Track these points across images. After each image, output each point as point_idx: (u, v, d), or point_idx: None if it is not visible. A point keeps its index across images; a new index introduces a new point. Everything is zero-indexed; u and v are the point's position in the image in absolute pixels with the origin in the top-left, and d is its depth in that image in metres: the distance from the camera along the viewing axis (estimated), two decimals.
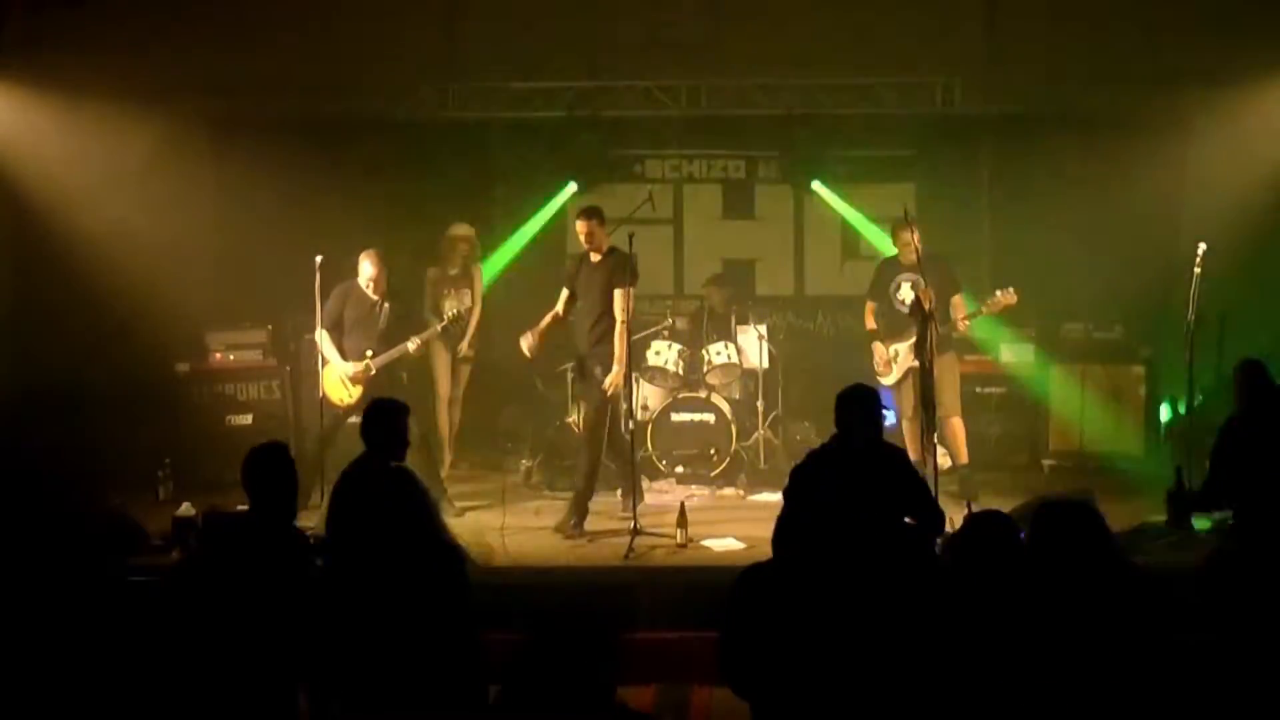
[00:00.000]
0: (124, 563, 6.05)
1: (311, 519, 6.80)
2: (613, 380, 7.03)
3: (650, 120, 9.69)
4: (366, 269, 7.55)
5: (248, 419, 8.46)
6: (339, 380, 7.57)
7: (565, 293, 7.38)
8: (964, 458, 7.73)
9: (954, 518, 5.36)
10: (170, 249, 8.69)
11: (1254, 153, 8.53)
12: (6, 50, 8.26)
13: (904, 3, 9.33)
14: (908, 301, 7.67)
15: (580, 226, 7.25)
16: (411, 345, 7.58)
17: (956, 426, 7.73)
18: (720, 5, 9.46)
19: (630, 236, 7.17)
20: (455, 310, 8.08)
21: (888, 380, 7.92)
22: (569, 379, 8.58)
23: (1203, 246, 6.94)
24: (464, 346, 8.85)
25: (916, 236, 7.35)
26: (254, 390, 8.55)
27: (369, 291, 7.57)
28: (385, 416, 5.03)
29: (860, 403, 5.18)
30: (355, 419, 7.99)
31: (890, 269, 8.02)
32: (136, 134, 8.55)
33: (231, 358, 8.61)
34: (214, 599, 4.14)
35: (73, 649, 4.24)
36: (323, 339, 7.54)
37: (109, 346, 8.54)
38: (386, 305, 7.62)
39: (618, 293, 7.07)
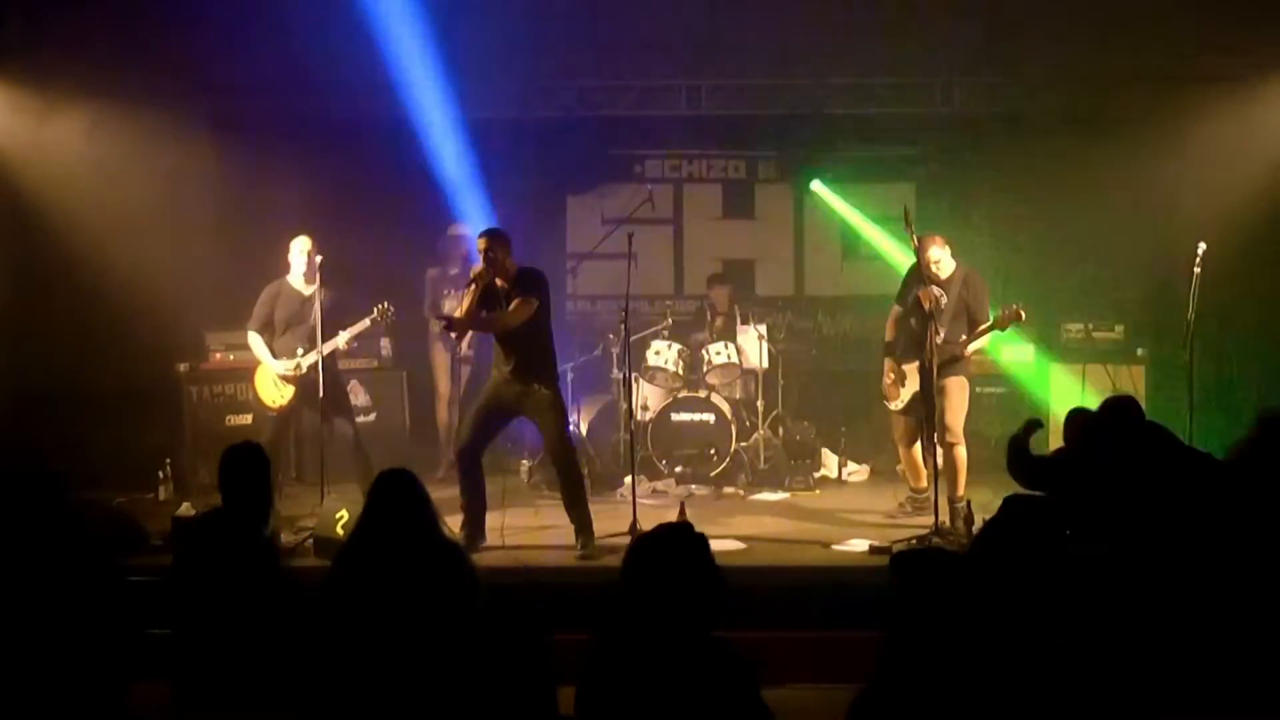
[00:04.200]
0: (124, 563, 6.05)
1: (310, 521, 6.82)
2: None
3: (650, 120, 9.69)
4: (298, 257, 7.28)
5: (248, 419, 8.44)
6: (271, 381, 7.38)
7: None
8: (960, 490, 7.10)
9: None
10: (170, 249, 8.69)
11: (1254, 153, 8.54)
12: (6, 50, 8.27)
13: (904, 3, 9.33)
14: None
15: (480, 244, 6.64)
16: (342, 340, 7.27)
17: (959, 457, 7.11)
18: (720, 5, 9.46)
19: (630, 236, 7.16)
20: (384, 304, 7.42)
21: (895, 405, 7.39)
22: (569, 379, 8.60)
23: (1203, 246, 6.93)
24: (464, 346, 8.86)
25: (932, 254, 7.07)
26: (254, 391, 8.52)
27: (300, 285, 7.32)
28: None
29: None
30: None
31: (919, 277, 7.21)
32: (136, 134, 8.55)
33: (231, 358, 8.58)
34: (186, 598, 4.17)
35: (72, 648, 4.24)
36: (253, 340, 7.36)
37: (109, 346, 8.55)
38: (318, 301, 7.24)
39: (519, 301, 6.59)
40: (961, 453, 7.17)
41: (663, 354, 8.63)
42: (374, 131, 9.39)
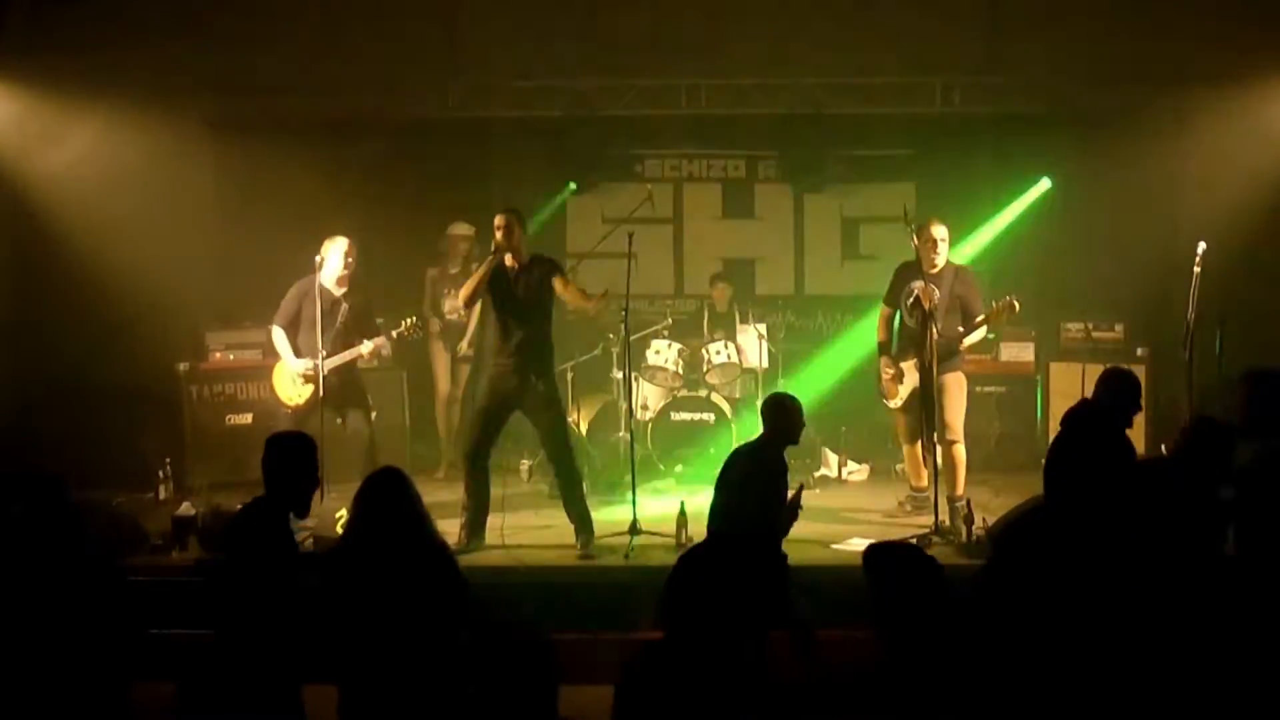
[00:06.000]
0: (124, 563, 6.05)
1: (311, 521, 6.82)
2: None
3: (650, 120, 9.69)
4: (336, 262, 7.21)
5: (248, 419, 8.45)
6: (290, 379, 7.33)
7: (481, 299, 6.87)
8: (960, 489, 7.07)
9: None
10: (170, 249, 8.69)
11: (1254, 153, 8.54)
12: (6, 50, 8.27)
13: (904, 3, 9.33)
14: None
15: (498, 221, 6.66)
16: (365, 349, 7.25)
17: (959, 455, 7.12)
18: (720, 5, 9.46)
19: (630, 236, 7.16)
20: (414, 319, 7.44)
21: (893, 403, 7.41)
22: (569, 378, 8.60)
23: (1203, 246, 6.92)
24: (464, 346, 8.87)
25: (934, 246, 7.12)
26: (254, 390, 8.51)
27: (332, 286, 7.24)
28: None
29: None
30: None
31: (908, 274, 7.29)
32: (136, 134, 8.55)
33: (231, 358, 8.59)
34: (241, 594, 4.16)
35: (72, 648, 4.25)
36: (276, 336, 7.30)
37: (109, 346, 8.54)
38: (345, 304, 7.25)
39: (558, 281, 6.67)
40: (961, 451, 7.17)
41: (663, 354, 8.63)
42: (374, 131, 9.39)
